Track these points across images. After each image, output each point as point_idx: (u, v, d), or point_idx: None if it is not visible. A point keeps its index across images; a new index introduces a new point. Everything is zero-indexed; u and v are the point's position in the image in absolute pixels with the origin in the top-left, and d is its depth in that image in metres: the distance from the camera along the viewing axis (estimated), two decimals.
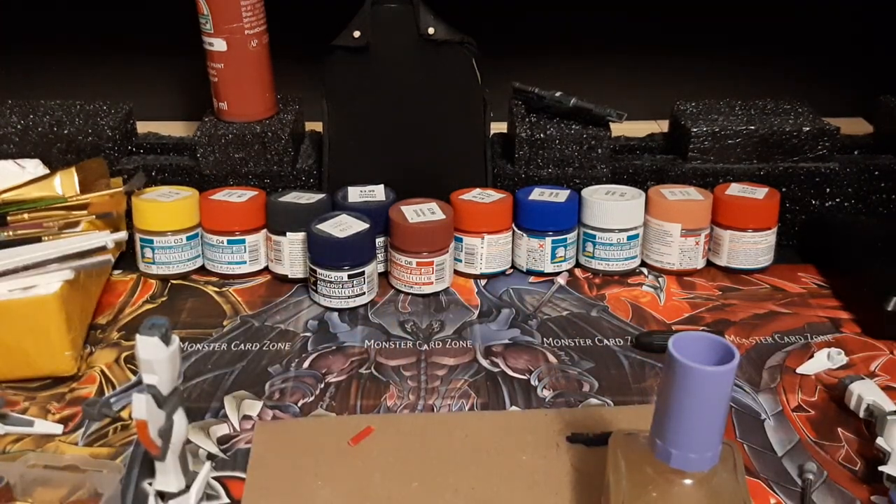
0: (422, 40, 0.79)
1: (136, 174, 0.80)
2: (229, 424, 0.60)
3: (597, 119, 0.83)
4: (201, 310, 0.74)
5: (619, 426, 0.59)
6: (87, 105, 0.88)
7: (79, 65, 0.99)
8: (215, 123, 0.84)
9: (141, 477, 0.53)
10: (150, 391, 0.47)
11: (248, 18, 0.81)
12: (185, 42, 0.86)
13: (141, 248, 0.78)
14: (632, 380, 0.65)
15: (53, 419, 0.61)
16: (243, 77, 0.83)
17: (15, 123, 0.82)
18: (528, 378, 0.65)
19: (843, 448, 0.58)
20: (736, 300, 0.76)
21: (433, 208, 0.77)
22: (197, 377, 0.65)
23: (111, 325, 0.72)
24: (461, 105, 0.81)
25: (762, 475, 0.56)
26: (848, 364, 0.67)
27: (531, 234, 0.79)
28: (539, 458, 0.57)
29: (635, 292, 0.78)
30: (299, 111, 0.89)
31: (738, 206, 0.79)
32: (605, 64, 1.00)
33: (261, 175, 0.83)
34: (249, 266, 0.79)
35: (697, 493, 0.44)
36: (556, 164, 0.83)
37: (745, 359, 0.68)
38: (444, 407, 0.62)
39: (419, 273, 0.76)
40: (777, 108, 0.88)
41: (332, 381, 0.65)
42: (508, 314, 0.74)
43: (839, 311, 0.75)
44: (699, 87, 0.99)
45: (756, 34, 0.99)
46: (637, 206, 0.79)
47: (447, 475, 0.55)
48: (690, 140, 0.83)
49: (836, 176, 0.84)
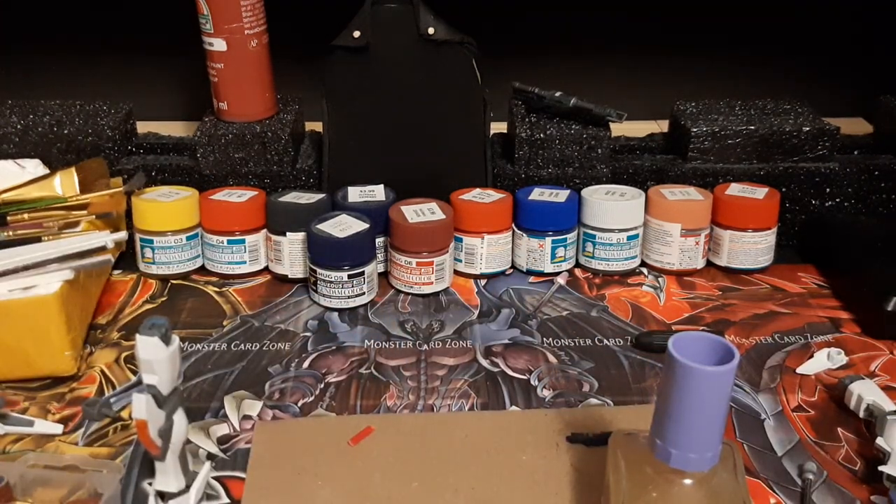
0: (422, 40, 0.79)
1: (136, 174, 0.80)
2: (229, 424, 0.60)
3: (597, 119, 0.83)
4: (201, 310, 0.74)
5: (619, 426, 0.59)
6: (87, 105, 0.88)
7: (79, 65, 0.99)
8: (215, 123, 0.84)
9: (141, 477, 0.52)
10: (150, 391, 0.47)
11: (248, 18, 0.81)
12: (185, 42, 0.86)
13: (141, 248, 0.78)
14: (632, 380, 0.65)
15: (53, 419, 0.61)
16: (243, 77, 0.83)
17: (15, 123, 0.82)
18: (528, 378, 0.65)
19: (843, 448, 0.58)
20: (736, 300, 0.76)
21: (433, 208, 0.77)
22: (197, 377, 0.65)
23: (111, 325, 0.72)
24: (461, 105, 0.81)
25: (762, 475, 0.56)
26: (848, 364, 0.67)
27: (531, 234, 0.79)
28: (539, 458, 0.57)
29: (635, 292, 0.78)
30: (299, 111, 0.89)
31: (738, 206, 0.79)
32: (605, 64, 1.00)
33: (261, 175, 0.83)
34: (249, 266, 0.79)
35: (697, 493, 0.44)
36: (556, 164, 0.83)
37: (745, 359, 0.68)
38: (444, 407, 0.62)
39: (419, 273, 0.76)
40: (777, 108, 0.88)
41: (332, 381, 0.65)
42: (508, 314, 0.74)
43: (839, 311, 0.75)
44: (699, 87, 0.99)
45: (756, 34, 0.99)
46: (637, 206, 0.79)
47: (447, 475, 0.55)
48: (690, 140, 0.83)
49: (836, 176, 0.84)
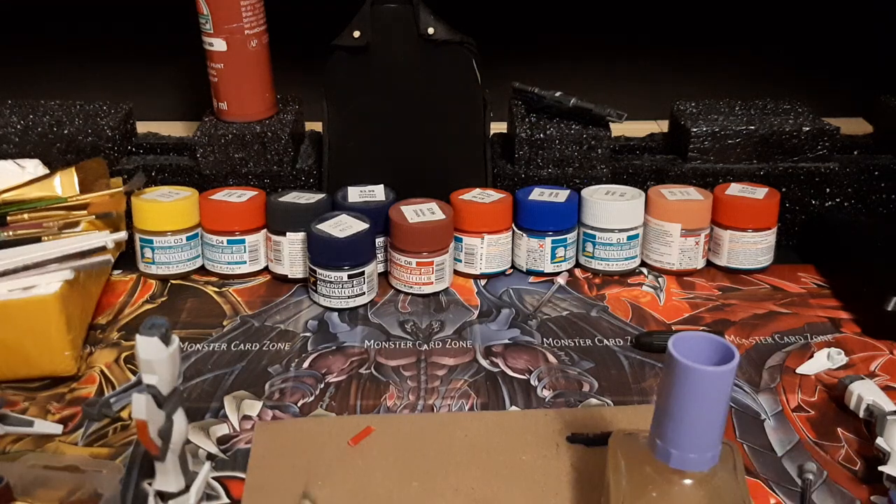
0: (422, 40, 0.79)
1: (136, 174, 0.80)
2: (229, 424, 0.60)
3: (597, 119, 0.83)
4: (201, 310, 0.74)
5: (619, 426, 0.59)
6: (87, 105, 0.88)
7: (79, 65, 0.99)
8: (215, 123, 0.84)
9: (141, 477, 0.53)
10: (150, 391, 0.47)
11: (248, 18, 0.81)
12: (185, 42, 0.86)
13: (141, 248, 0.78)
14: (632, 380, 0.65)
15: (53, 419, 0.61)
16: (243, 77, 0.83)
17: (15, 123, 0.82)
18: (528, 378, 0.65)
19: (843, 448, 0.58)
20: (736, 300, 0.76)
21: (433, 208, 0.77)
22: (197, 377, 0.65)
23: (111, 325, 0.72)
24: (461, 105, 0.81)
25: (762, 475, 0.56)
26: (848, 364, 0.67)
27: (531, 234, 0.79)
28: (539, 458, 0.57)
29: (635, 292, 0.78)
30: (299, 111, 0.89)
31: (738, 206, 0.79)
32: (605, 64, 1.00)
33: (261, 175, 0.83)
34: (249, 266, 0.79)
35: (697, 493, 0.44)
36: (556, 164, 0.83)
37: (745, 359, 0.68)
38: (444, 407, 0.62)
39: (419, 273, 0.76)
40: (777, 108, 0.88)
41: (331, 381, 0.65)
42: (508, 314, 0.74)
43: (839, 311, 0.75)
44: (699, 87, 0.99)
45: (756, 34, 0.99)
46: (637, 206, 0.79)
47: (447, 475, 0.55)
48: (690, 140, 0.83)
49: (836, 176, 0.84)
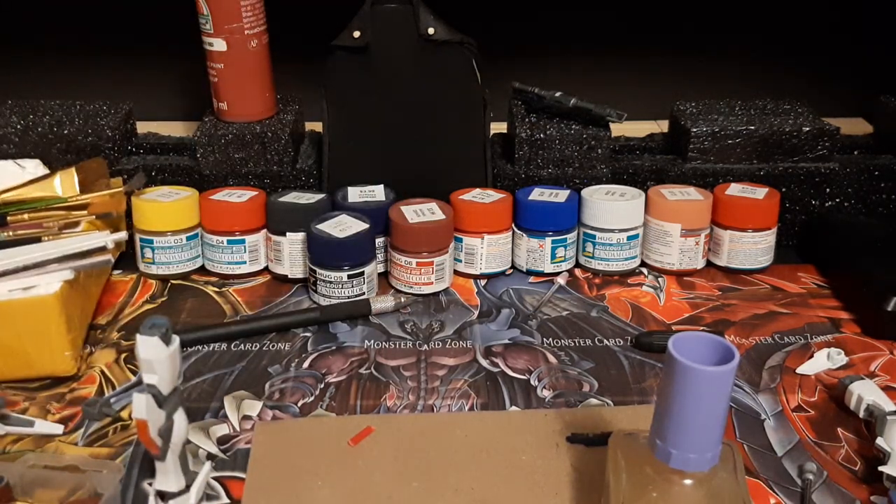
0: (422, 40, 0.79)
1: (136, 174, 0.80)
2: (229, 424, 0.60)
3: (597, 119, 0.83)
4: (201, 310, 0.74)
5: (619, 426, 0.59)
6: (87, 105, 0.88)
7: (79, 65, 0.99)
8: (215, 123, 0.84)
9: (141, 477, 0.53)
10: (150, 391, 0.47)
11: (248, 18, 0.81)
12: (185, 42, 0.86)
13: (141, 248, 0.78)
14: (632, 380, 0.65)
15: (53, 419, 0.61)
16: (243, 77, 0.83)
17: (15, 123, 0.82)
18: (528, 378, 0.65)
19: (842, 448, 0.58)
20: (736, 300, 0.76)
21: (433, 208, 0.77)
22: (197, 377, 0.65)
23: (111, 326, 0.72)
24: (461, 105, 0.81)
25: (762, 475, 0.56)
26: (848, 364, 0.67)
27: (531, 234, 0.79)
28: (539, 458, 0.57)
29: (635, 292, 0.78)
30: (299, 111, 0.89)
31: (738, 206, 0.79)
32: (605, 64, 1.00)
33: (261, 175, 0.83)
34: (249, 266, 0.79)
35: (697, 493, 0.44)
36: (556, 164, 0.83)
37: (745, 359, 0.68)
38: (444, 407, 0.62)
39: (419, 273, 0.76)
40: (777, 108, 0.88)
41: (331, 381, 0.65)
42: (508, 314, 0.74)
43: (839, 311, 0.75)
44: (699, 87, 0.99)
45: (756, 34, 0.99)
46: (637, 206, 0.79)
47: (447, 475, 0.55)
48: (690, 140, 0.83)
49: (836, 176, 0.84)
